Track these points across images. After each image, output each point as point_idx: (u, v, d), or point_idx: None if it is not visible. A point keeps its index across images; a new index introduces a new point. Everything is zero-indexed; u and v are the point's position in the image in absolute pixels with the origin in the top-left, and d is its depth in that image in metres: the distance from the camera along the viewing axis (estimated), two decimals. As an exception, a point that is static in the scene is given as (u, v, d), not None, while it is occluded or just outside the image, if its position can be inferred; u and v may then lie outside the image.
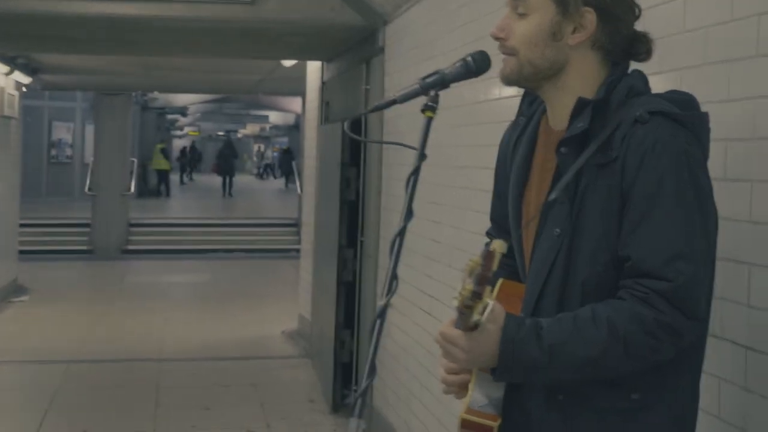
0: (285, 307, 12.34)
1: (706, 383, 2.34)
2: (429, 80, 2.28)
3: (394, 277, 2.10)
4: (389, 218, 7.05)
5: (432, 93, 2.26)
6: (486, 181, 4.31)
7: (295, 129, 42.26)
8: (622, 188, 2.12)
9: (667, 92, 2.25)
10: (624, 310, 2.07)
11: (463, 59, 2.29)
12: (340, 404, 7.93)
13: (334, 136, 8.33)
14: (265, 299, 13.86)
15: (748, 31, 2.57)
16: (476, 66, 2.29)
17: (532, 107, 2.44)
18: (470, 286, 1.83)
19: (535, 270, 2.26)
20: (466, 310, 1.90)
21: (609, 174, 2.14)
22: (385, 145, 7.28)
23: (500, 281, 2.39)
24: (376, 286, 7.35)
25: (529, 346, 2.08)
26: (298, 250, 14.32)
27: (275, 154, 57.10)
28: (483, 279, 1.81)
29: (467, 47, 5.12)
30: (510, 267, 2.56)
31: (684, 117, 2.15)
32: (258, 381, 8.94)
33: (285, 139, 54.37)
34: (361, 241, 7.94)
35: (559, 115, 2.29)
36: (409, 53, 6.60)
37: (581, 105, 2.19)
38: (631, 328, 2.06)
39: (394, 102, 2.30)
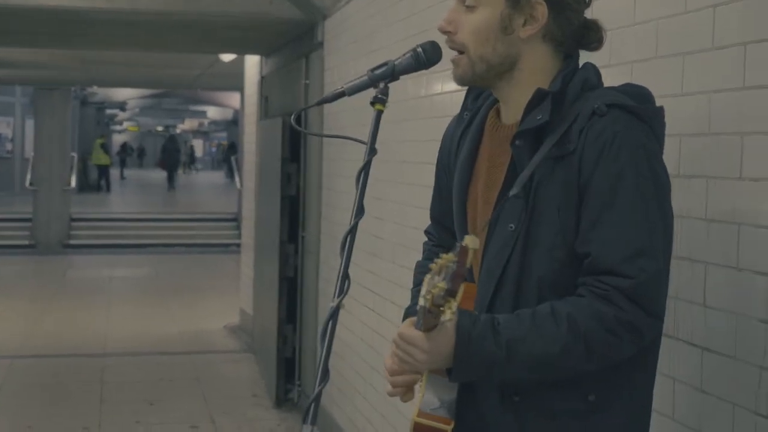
0: (226, 302, 12.27)
1: (660, 384, 2.28)
2: (378, 72, 2.20)
3: (345, 277, 2.01)
4: (330, 214, 6.97)
5: (381, 85, 2.19)
6: (429, 177, 4.24)
7: (233, 124, 42.11)
8: (580, 182, 2.04)
9: (623, 85, 2.19)
10: (584, 307, 2.00)
11: (414, 50, 2.20)
12: (283, 399, 7.90)
13: (274, 131, 8.23)
14: (207, 294, 13.77)
15: (702, 23, 2.51)
16: (427, 57, 2.21)
17: (477, 102, 2.37)
18: (442, 284, 1.72)
19: (488, 267, 2.17)
20: (435, 309, 1.80)
21: (566, 167, 2.06)
22: (326, 141, 7.18)
23: None
24: (318, 281, 7.28)
25: (486, 341, 2.00)
26: (238, 245, 14.22)
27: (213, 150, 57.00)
28: (458, 276, 1.71)
29: (408, 41, 5.05)
30: None
31: (641, 110, 2.08)
32: (201, 375, 8.87)
33: (224, 134, 54.21)
34: (303, 237, 7.88)
35: (512, 109, 2.21)
36: (349, 47, 6.52)
37: (539, 96, 2.11)
38: (592, 325, 1.99)
39: (342, 94, 2.21)
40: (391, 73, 2.20)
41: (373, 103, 2.17)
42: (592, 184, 2.03)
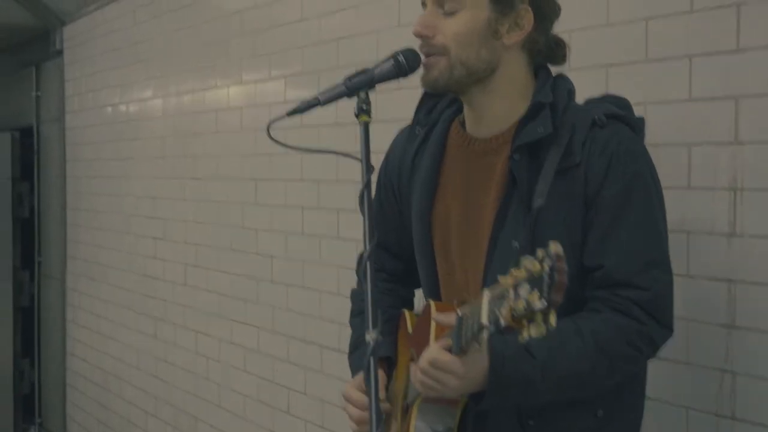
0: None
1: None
2: (355, 80, 2.01)
3: (376, 305, 1.82)
4: (77, 234, 6.53)
5: (363, 95, 2.00)
6: (196, 191, 4.05)
7: None
8: (587, 194, 2.00)
9: (604, 96, 2.19)
10: (605, 322, 1.96)
11: (394, 57, 2.04)
12: (21, 439, 7.43)
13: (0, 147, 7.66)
14: None
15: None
16: (408, 65, 2.05)
17: (431, 116, 2.27)
18: (534, 295, 1.52)
19: None
20: (515, 324, 1.59)
21: (570, 180, 2.00)
22: (69, 158, 6.73)
23: (431, 303, 2.15)
24: (65, 308, 6.81)
25: (521, 363, 1.91)
26: None
27: None
28: (561, 286, 1.51)
29: (198, 50, 4.83)
30: (393, 292, 2.37)
31: (635, 121, 2.10)
32: None
33: None
34: (39, 262, 7.39)
35: (487, 120, 2.13)
36: (105, 56, 6.12)
37: (537, 108, 2.05)
38: (614, 340, 1.96)
39: (317, 103, 2.01)
40: (369, 82, 2.02)
41: (357, 115, 1.98)
42: (601, 197, 2.00)
